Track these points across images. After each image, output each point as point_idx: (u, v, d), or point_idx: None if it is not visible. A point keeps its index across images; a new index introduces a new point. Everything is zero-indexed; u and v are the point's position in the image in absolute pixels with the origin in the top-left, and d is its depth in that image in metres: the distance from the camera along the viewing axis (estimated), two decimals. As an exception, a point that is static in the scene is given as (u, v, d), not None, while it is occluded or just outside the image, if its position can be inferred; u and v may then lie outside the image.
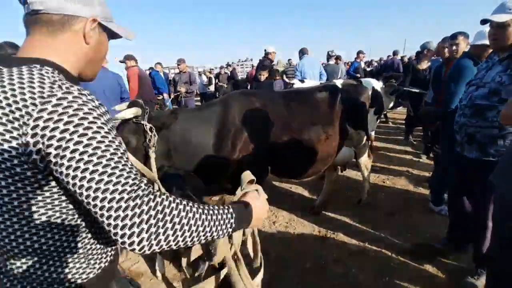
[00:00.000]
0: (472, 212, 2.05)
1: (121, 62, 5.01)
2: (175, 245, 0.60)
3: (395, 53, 8.98)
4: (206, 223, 0.64)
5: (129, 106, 1.83)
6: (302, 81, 4.22)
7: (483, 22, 1.67)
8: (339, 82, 2.66)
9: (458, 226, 2.24)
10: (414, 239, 2.50)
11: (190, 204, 0.64)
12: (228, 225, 0.69)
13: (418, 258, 2.27)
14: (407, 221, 2.79)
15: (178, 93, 6.16)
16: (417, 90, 4.75)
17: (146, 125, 1.78)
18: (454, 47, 2.94)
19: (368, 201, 3.15)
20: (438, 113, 2.55)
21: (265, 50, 5.11)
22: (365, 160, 2.91)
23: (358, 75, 7.40)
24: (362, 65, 8.89)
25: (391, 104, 4.78)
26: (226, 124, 2.06)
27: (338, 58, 7.83)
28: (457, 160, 1.98)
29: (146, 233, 0.55)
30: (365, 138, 2.76)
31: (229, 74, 11.13)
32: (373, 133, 4.63)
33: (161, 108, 5.81)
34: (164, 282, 2.15)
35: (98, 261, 0.76)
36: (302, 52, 5.28)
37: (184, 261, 1.22)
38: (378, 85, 4.17)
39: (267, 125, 2.17)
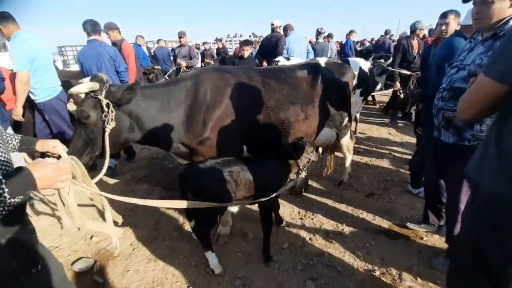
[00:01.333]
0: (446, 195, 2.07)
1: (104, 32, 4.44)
2: None
3: (386, 32, 8.80)
4: None
5: (90, 81, 1.74)
6: (288, 58, 4.07)
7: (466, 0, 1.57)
8: (322, 61, 2.56)
9: (433, 208, 2.27)
10: (391, 220, 2.55)
11: None
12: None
13: (393, 238, 2.32)
14: (386, 202, 2.83)
15: (179, 66, 5.98)
16: (406, 72, 4.69)
17: (102, 100, 1.73)
18: (443, 27, 2.83)
19: (350, 183, 3.17)
20: (420, 95, 2.50)
21: (272, 24, 4.94)
22: (347, 142, 2.88)
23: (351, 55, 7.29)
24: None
25: (379, 86, 4.72)
26: (197, 101, 1.97)
27: (329, 36, 7.62)
28: (434, 144, 1.96)
29: None
30: (347, 119, 2.71)
31: (218, 50, 10.71)
32: (358, 115, 4.60)
33: (156, 79, 5.64)
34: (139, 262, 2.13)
35: None
36: (287, 29, 5.09)
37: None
38: (366, 65, 4.07)
39: (242, 102, 2.08)
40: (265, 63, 4.80)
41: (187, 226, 2.51)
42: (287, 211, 2.71)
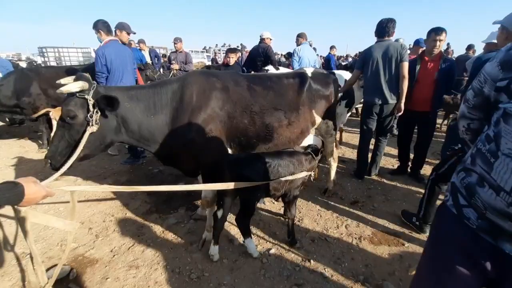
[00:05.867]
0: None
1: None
2: None
3: None
4: None
5: (75, 80, 1.70)
6: (277, 68, 4.16)
7: None
8: (309, 71, 2.64)
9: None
10: (374, 227, 2.60)
11: None
12: None
13: (376, 244, 2.37)
14: (369, 210, 2.90)
15: (171, 70, 6.00)
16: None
17: (90, 100, 1.70)
18: (437, 43, 2.99)
19: (335, 191, 3.23)
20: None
21: (260, 36, 5.01)
22: (332, 151, 2.95)
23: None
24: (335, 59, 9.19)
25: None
26: (183, 103, 1.98)
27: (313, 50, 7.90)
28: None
29: None
30: (332, 128, 2.78)
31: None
32: (342, 125, 4.73)
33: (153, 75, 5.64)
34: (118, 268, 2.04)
35: None
36: (301, 37, 5.04)
37: None
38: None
39: (227, 106, 2.11)
40: (270, 67, 4.71)
41: (172, 232, 2.44)
42: (274, 217, 2.71)
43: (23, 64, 8.02)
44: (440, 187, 2.40)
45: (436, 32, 3.04)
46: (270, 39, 5.11)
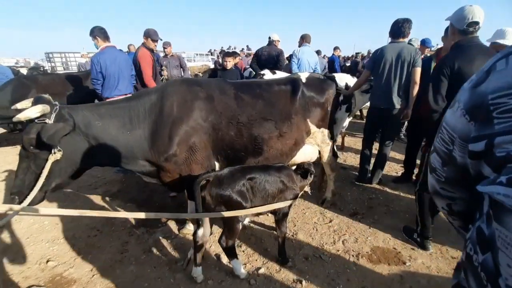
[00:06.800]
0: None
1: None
2: None
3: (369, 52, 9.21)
4: None
5: (34, 103, 1.57)
6: (274, 72, 4.01)
7: None
8: (304, 76, 2.48)
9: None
10: (373, 242, 2.43)
11: None
12: None
13: (375, 263, 2.19)
14: (370, 222, 2.71)
15: (162, 77, 5.84)
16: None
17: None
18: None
19: (333, 201, 3.05)
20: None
21: (269, 38, 4.88)
22: (329, 160, 2.78)
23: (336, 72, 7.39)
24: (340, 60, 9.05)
25: (367, 103, 4.68)
26: (162, 115, 1.84)
27: (317, 52, 7.74)
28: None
29: None
30: (329, 137, 2.62)
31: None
32: (343, 130, 4.54)
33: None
34: (99, 291, 1.93)
35: None
36: (304, 39, 4.81)
37: None
38: (352, 81, 4.05)
39: (212, 117, 1.97)
40: (267, 71, 4.42)
41: (157, 248, 2.32)
42: (266, 232, 2.55)
43: (24, 71, 8.08)
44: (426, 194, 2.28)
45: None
46: (279, 41, 4.97)
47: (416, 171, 3.57)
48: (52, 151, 1.56)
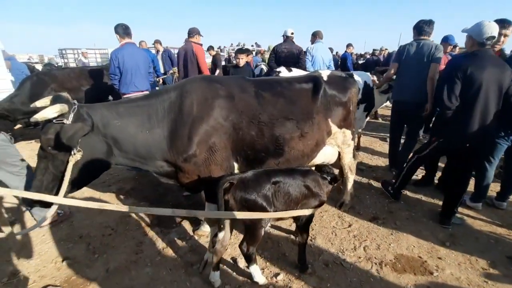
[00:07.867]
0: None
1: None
2: None
3: (381, 49, 9.06)
4: None
5: (52, 102, 1.51)
6: (290, 70, 3.90)
7: None
8: (325, 73, 2.37)
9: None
10: (397, 249, 2.31)
11: None
12: None
13: (400, 272, 2.08)
14: (391, 228, 2.59)
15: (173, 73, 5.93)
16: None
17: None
18: (502, 38, 2.70)
19: (352, 205, 2.94)
20: None
21: (285, 33, 4.79)
22: (349, 162, 2.67)
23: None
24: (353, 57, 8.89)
25: (385, 103, 4.54)
26: (182, 114, 1.77)
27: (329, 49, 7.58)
28: None
29: None
30: (350, 137, 2.50)
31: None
32: (360, 130, 4.40)
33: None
34: (114, 293, 1.89)
35: None
36: (317, 35, 4.82)
37: None
38: (371, 80, 3.90)
39: (232, 116, 1.88)
40: (283, 68, 4.23)
41: (172, 249, 2.27)
42: (284, 235, 2.47)
43: (39, 67, 8.19)
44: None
45: (502, 24, 2.54)
46: (293, 34, 4.85)
47: (438, 174, 3.42)
48: (72, 152, 1.50)
